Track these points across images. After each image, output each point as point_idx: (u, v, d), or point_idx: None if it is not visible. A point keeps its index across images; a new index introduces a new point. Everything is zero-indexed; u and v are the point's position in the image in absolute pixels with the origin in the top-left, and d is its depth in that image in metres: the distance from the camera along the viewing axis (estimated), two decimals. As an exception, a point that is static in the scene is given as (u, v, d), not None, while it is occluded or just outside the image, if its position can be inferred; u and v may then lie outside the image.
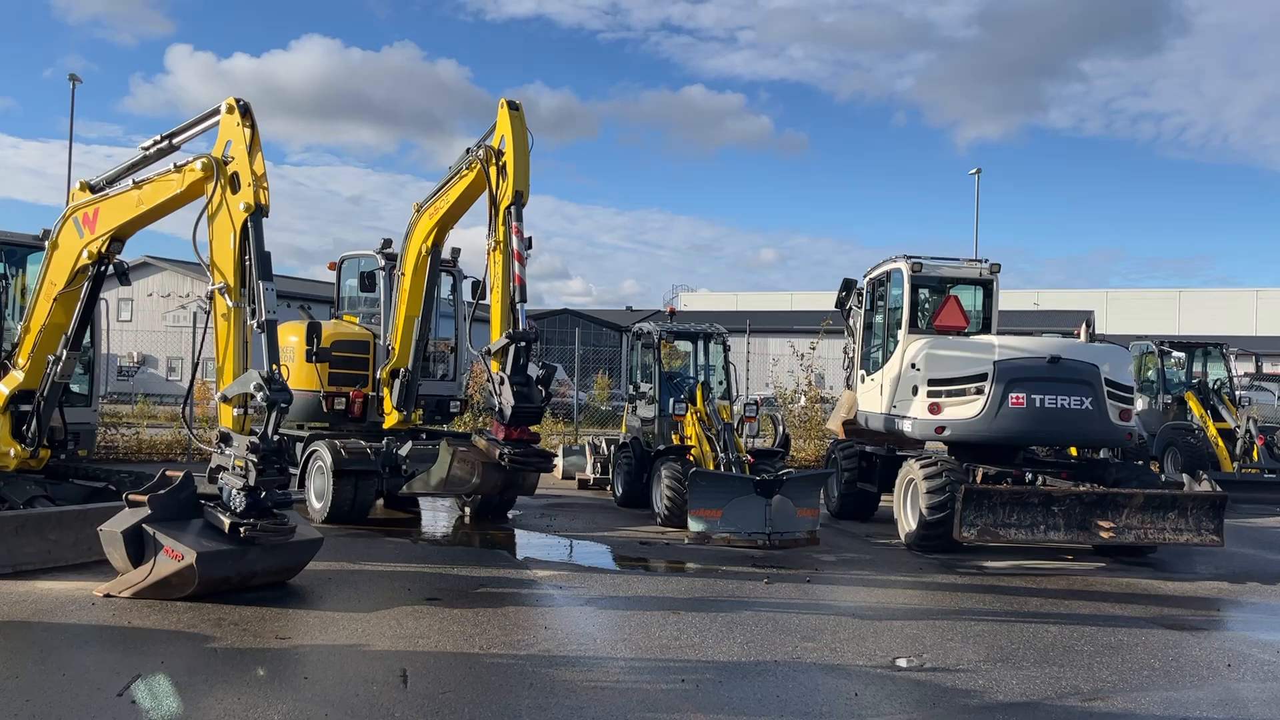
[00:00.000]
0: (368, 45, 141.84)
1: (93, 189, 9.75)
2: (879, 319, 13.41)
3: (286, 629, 7.15)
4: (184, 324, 28.73)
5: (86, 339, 10.77)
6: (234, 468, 7.85)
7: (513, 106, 10.00)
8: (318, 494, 11.91)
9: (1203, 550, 11.26)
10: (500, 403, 9.51)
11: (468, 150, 10.61)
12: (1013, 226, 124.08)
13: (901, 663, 6.81)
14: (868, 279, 13.74)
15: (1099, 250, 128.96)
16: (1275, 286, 68.25)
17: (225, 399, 8.10)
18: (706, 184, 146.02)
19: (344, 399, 12.55)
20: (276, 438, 7.91)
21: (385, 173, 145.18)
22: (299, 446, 12.51)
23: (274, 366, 7.92)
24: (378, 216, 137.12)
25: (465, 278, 13.58)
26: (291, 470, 12.23)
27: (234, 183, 8.24)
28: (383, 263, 13.02)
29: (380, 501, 12.68)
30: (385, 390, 12.37)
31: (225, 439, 8.00)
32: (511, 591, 8.77)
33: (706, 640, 7.17)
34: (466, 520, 12.83)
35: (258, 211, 8.11)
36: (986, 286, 13.02)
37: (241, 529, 7.73)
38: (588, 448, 17.40)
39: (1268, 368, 35.54)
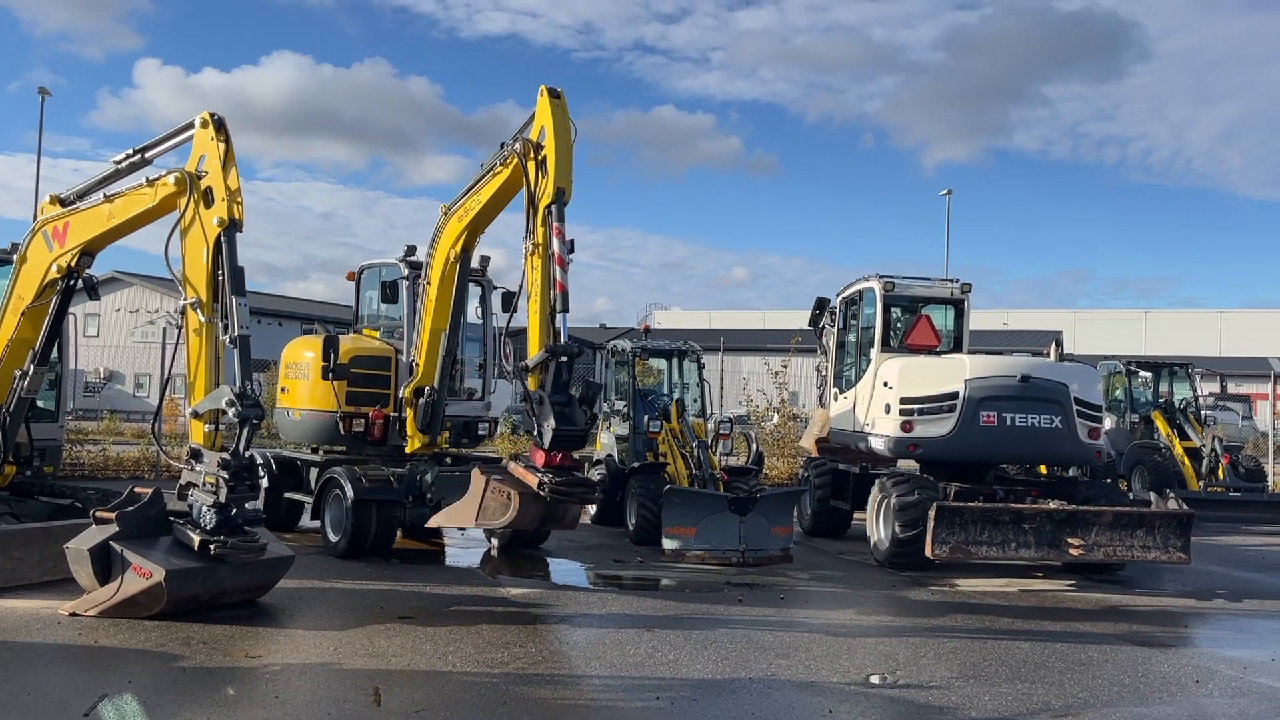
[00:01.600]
0: (339, 62, 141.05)
1: (63, 203, 9.67)
2: (852, 338, 13.51)
3: (257, 647, 7.07)
4: (153, 339, 28.46)
5: (54, 354, 10.64)
6: (204, 484, 7.77)
7: (554, 94, 9.05)
8: (334, 525, 10.89)
9: (1171, 568, 11.37)
10: (539, 425, 8.67)
11: (502, 144, 9.67)
12: (982, 247, 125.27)
13: (875, 680, 6.82)
14: (840, 298, 13.84)
15: (1067, 271, 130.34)
16: (1239, 308, 69.67)
17: (196, 415, 8.05)
18: (678, 203, 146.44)
19: (363, 420, 11.29)
20: (248, 454, 7.84)
21: (356, 189, 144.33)
22: (314, 472, 11.51)
23: (246, 382, 7.87)
24: (349, 233, 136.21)
25: (495, 288, 12.41)
26: (305, 498, 11.62)
27: (207, 197, 8.22)
28: (406, 272, 11.78)
29: (398, 530, 11.48)
30: (408, 411, 11.06)
31: (196, 455, 7.93)
32: (485, 610, 8.72)
33: (681, 658, 7.15)
34: (494, 552, 11.92)
35: (231, 226, 8.09)
36: (958, 306, 13.15)
37: (212, 546, 7.64)
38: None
39: (1232, 388, 36.07)
